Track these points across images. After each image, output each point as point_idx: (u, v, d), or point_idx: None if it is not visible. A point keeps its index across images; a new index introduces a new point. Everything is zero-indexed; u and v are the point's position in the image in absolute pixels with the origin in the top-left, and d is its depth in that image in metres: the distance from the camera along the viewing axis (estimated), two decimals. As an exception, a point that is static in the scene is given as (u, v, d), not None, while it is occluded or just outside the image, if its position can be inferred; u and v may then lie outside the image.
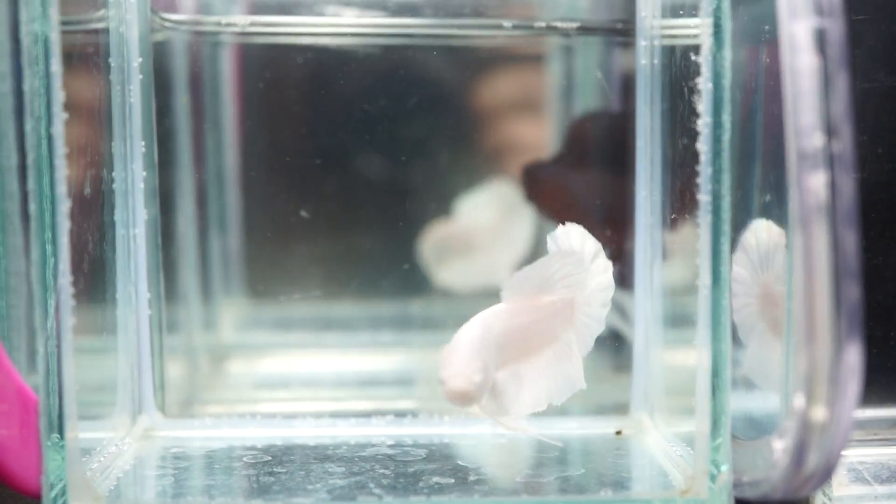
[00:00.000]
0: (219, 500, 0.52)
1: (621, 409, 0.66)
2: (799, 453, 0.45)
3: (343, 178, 0.75)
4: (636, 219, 0.64)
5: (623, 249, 0.67)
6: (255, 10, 0.71)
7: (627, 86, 0.68)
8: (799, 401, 0.45)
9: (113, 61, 0.60)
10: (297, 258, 0.75)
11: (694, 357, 0.52)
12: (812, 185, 0.43)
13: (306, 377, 0.77)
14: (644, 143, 0.63)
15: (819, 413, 0.44)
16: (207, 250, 0.74)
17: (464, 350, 0.51)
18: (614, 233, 0.68)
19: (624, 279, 0.68)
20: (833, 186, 0.43)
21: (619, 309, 0.70)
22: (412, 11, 0.71)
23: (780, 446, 0.47)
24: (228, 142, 0.74)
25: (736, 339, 0.56)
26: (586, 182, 0.72)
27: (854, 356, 0.43)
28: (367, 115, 0.73)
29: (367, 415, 0.66)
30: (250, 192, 0.75)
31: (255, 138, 0.74)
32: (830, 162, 0.43)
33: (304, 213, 0.72)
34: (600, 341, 0.59)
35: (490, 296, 0.56)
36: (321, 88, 0.72)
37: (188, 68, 0.70)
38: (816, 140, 0.43)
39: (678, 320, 0.61)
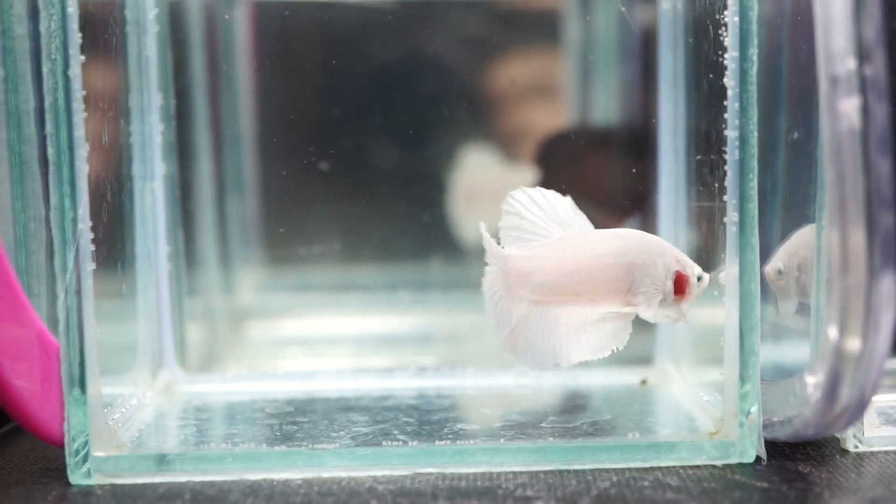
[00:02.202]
0: (242, 447, 0.52)
1: (646, 360, 0.65)
2: (832, 386, 0.45)
3: (361, 137, 0.74)
4: (660, 166, 0.63)
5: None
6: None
7: (648, 35, 0.67)
8: (832, 333, 0.44)
9: (129, 13, 0.60)
10: (315, 218, 0.75)
11: (721, 312, 0.52)
12: (844, 110, 0.42)
13: (327, 338, 0.77)
14: (667, 87, 0.62)
15: (853, 344, 0.43)
16: (225, 206, 0.73)
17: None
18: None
19: (647, 227, 0.67)
20: (866, 111, 0.42)
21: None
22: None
23: (812, 381, 0.46)
24: (245, 98, 0.73)
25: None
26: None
27: (889, 285, 0.43)
28: (385, 70, 0.72)
29: (388, 370, 0.66)
30: (267, 150, 0.74)
31: (271, 95, 0.73)
32: (863, 86, 0.42)
33: (322, 167, 0.72)
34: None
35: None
36: (339, 42, 0.72)
37: (204, 23, 0.70)
38: (849, 64, 0.42)
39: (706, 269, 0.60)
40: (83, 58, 0.49)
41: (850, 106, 0.42)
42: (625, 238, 0.53)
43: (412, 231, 0.74)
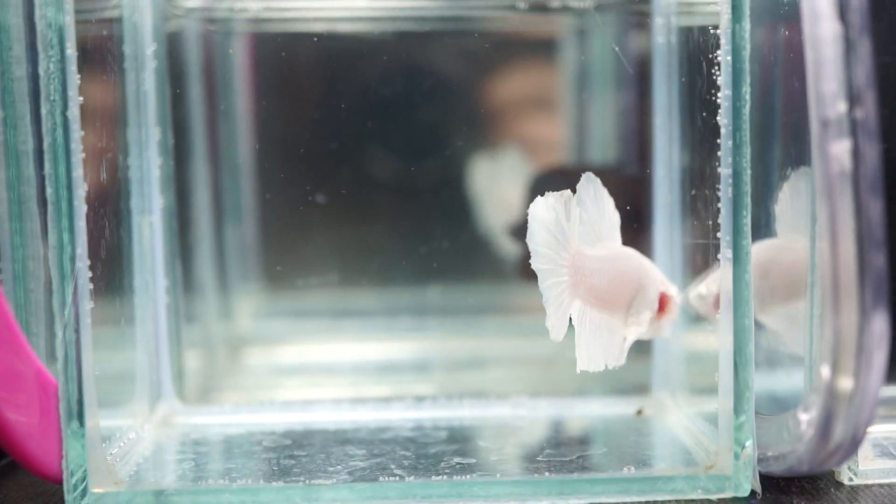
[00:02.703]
0: (239, 483, 0.52)
1: (642, 389, 0.66)
2: (825, 425, 0.45)
3: (358, 166, 0.74)
4: (654, 198, 0.64)
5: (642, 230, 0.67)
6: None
7: (643, 66, 0.68)
8: (825, 372, 0.44)
9: (127, 48, 0.60)
10: (312, 246, 0.75)
11: (715, 340, 0.52)
12: (835, 153, 0.43)
13: (324, 365, 0.77)
14: (662, 121, 0.62)
15: (845, 383, 0.44)
16: (223, 239, 0.74)
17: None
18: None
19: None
20: (857, 154, 0.43)
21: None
22: (426, -5, 0.71)
23: (805, 418, 0.46)
24: (242, 130, 0.74)
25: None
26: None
27: (880, 325, 0.43)
28: (381, 101, 0.72)
29: (386, 400, 0.66)
30: (265, 181, 0.74)
31: (269, 126, 0.74)
32: (854, 129, 0.43)
33: (319, 199, 0.72)
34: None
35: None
36: (335, 75, 0.72)
37: (202, 56, 0.70)
38: (839, 107, 0.43)
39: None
40: (81, 99, 0.49)
41: (841, 149, 0.43)
42: (635, 258, 0.54)
43: (410, 258, 0.74)
